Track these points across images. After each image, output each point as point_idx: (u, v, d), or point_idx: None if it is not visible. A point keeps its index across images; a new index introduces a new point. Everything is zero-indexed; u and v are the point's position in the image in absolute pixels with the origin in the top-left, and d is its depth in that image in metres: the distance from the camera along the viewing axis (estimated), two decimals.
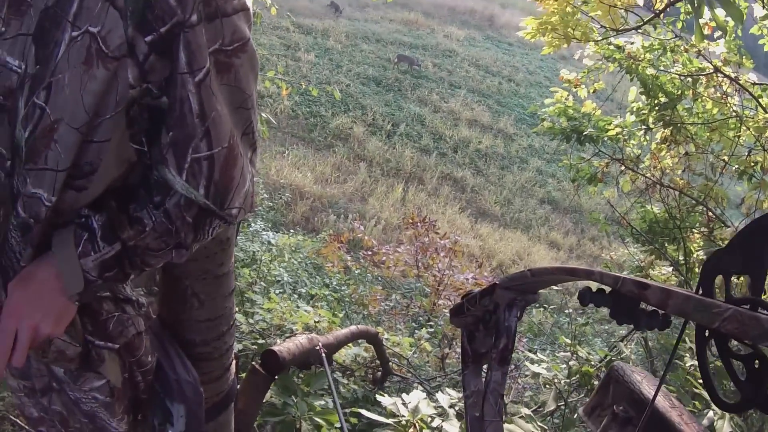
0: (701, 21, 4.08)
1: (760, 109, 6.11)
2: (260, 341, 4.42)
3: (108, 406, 1.65)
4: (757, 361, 1.13)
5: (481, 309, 1.61)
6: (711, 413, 2.81)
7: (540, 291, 1.62)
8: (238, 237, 2.29)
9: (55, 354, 1.51)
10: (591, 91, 7.42)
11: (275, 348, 2.97)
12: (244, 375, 3.13)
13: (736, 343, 1.18)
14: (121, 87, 1.25)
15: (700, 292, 1.20)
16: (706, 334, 1.21)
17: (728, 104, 6.34)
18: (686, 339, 3.77)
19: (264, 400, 3.21)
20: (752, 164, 6.28)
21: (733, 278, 1.21)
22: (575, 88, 7.41)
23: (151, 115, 1.33)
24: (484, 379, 1.62)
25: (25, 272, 1.38)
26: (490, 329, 1.61)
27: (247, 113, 1.39)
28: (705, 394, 3.05)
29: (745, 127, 6.14)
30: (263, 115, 7.57)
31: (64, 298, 1.38)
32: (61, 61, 1.23)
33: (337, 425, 3.39)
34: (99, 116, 1.27)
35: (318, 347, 3.23)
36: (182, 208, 1.37)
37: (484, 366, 1.68)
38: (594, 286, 1.33)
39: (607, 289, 1.30)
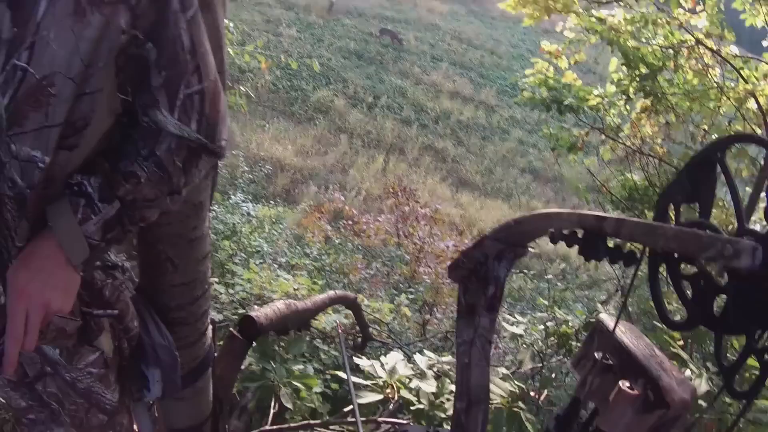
0: None
1: (741, 80, 6.14)
2: (241, 311, 4.42)
3: (103, 378, 1.64)
4: (702, 281, 1.21)
5: (473, 261, 1.64)
6: (688, 372, 2.85)
7: (529, 246, 1.68)
8: (213, 204, 2.28)
9: (54, 333, 1.48)
10: (572, 62, 7.42)
11: (252, 313, 2.95)
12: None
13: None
14: (113, 34, 1.26)
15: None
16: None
17: (709, 76, 6.37)
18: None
19: (243, 367, 3.22)
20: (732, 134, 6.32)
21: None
22: (556, 59, 7.42)
23: (136, 63, 1.34)
24: None
25: (25, 251, 1.35)
26: (482, 280, 1.64)
27: (221, 52, 1.46)
28: (682, 354, 3.09)
29: (725, 98, 6.17)
30: (242, 89, 7.53)
31: (70, 270, 1.36)
32: (45, 19, 1.22)
33: (316, 389, 3.41)
34: (92, 65, 1.26)
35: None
36: (173, 152, 1.39)
37: None
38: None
39: (580, 233, 1.37)
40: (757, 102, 5.98)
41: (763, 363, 1.12)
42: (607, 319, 1.61)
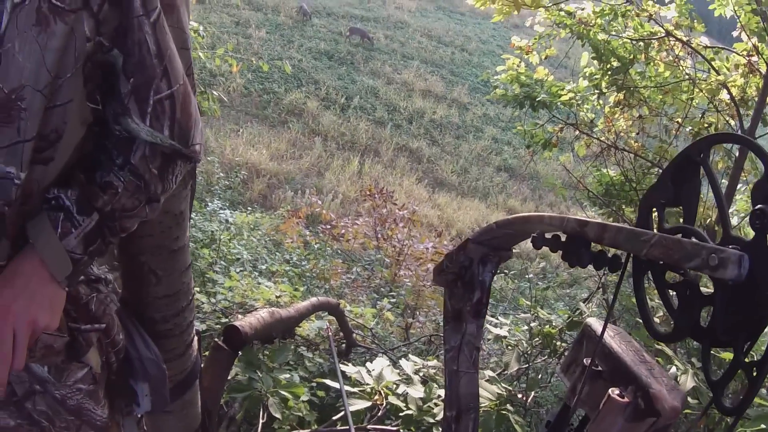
0: None
1: (712, 71, 6.18)
2: (224, 320, 4.40)
3: (92, 394, 1.62)
4: (688, 291, 1.17)
5: (457, 265, 1.64)
6: (674, 369, 2.85)
7: (513, 249, 1.66)
8: (192, 213, 2.27)
9: (43, 350, 1.46)
10: (543, 57, 7.43)
11: (237, 323, 2.95)
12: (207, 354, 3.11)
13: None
14: (78, 42, 1.25)
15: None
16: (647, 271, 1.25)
17: (681, 67, 6.41)
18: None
19: (229, 377, 3.20)
20: (706, 126, 6.38)
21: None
22: (527, 54, 7.42)
23: (104, 71, 1.33)
24: None
25: (7, 270, 1.33)
26: (467, 285, 1.63)
27: (188, 53, 1.44)
28: (667, 350, 3.10)
29: (698, 89, 6.21)
30: (214, 93, 7.48)
31: (54, 286, 1.35)
32: (8, 31, 1.20)
33: (303, 398, 3.39)
34: (60, 76, 1.25)
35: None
36: (148, 160, 1.39)
37: None
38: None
39: (563, 237, 1.35)
40: (730, 93, 6.02)
41: (752, 378, 1.08)
42: (595, 323, 1.60)
